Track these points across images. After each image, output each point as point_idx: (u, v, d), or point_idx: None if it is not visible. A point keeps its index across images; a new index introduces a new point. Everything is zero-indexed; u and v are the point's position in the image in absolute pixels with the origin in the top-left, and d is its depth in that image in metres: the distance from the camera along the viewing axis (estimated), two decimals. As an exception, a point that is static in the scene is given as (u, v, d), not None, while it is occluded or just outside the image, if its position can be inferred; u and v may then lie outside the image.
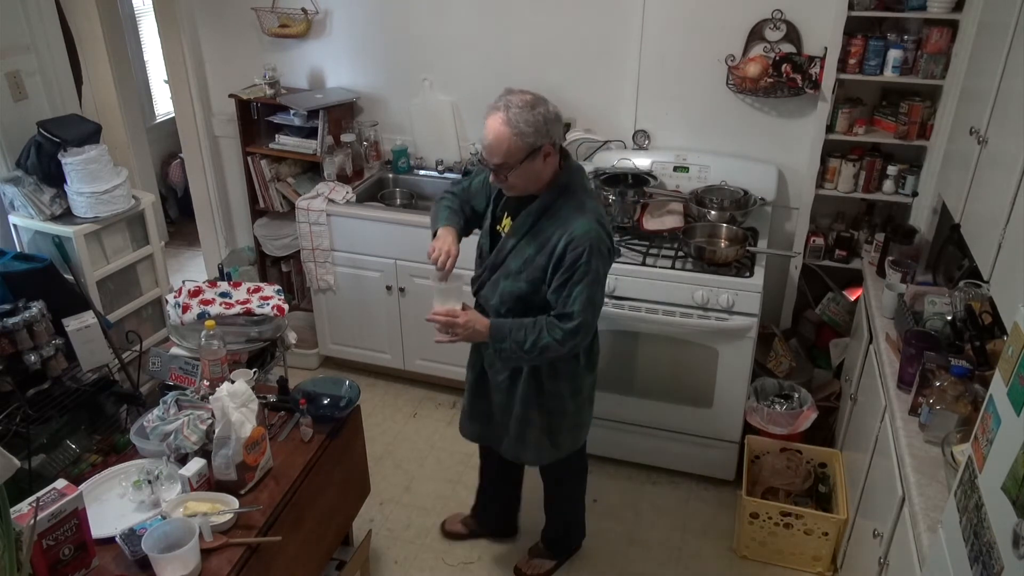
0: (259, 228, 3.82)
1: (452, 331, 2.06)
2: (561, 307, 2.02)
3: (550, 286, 2.02)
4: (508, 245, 2.08)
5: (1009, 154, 1.93)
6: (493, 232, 2.18)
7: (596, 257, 1.97)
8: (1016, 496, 1.19)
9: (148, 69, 5.15)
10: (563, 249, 1.97)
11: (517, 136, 1.89)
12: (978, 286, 2.29)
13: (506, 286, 2.10)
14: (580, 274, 1.97)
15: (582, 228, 1.97)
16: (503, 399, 2.27)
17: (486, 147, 1.94)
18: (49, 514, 1.61)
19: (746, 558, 2.75)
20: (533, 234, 2.04)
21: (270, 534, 1.88)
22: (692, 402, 2.94)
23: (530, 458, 2.37)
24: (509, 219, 2.12)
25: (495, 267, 2.13)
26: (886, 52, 2.82)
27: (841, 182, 3.07)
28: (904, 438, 2.01)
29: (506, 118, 1.89)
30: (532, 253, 2.03)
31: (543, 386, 2.21)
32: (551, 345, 2.03)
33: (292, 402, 2.25)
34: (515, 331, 2.04)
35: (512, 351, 2.06)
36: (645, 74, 3.20)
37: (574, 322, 2.01)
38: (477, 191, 2.27)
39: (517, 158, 1.92)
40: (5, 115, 3.12)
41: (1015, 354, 1.29)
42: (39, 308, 2.49)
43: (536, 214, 2.03)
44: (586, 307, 2.00)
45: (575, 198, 2.03)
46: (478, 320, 2.07)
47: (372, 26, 3.50)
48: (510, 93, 1.94)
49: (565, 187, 2.03)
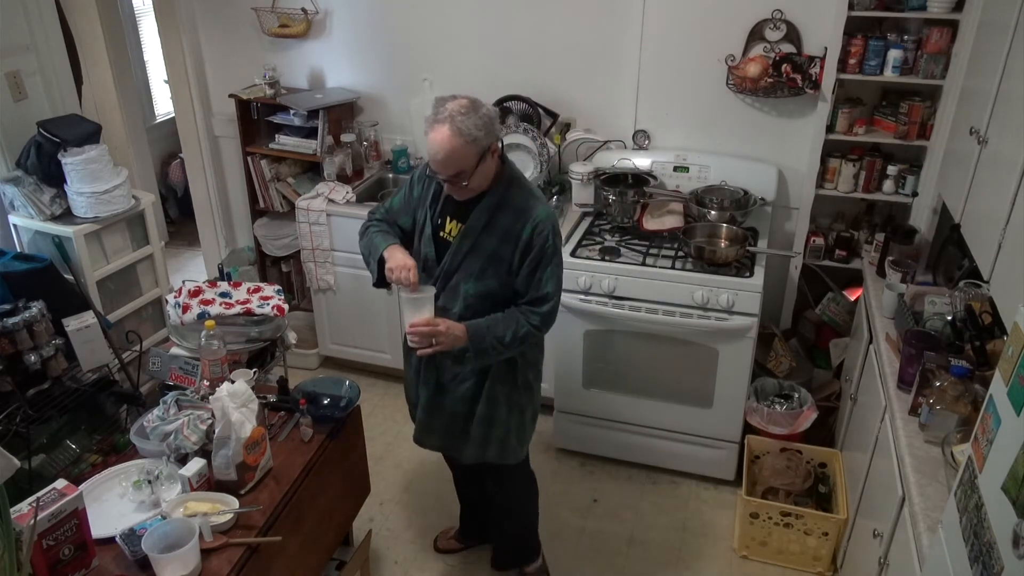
0: (259, 228, 3.82)
1: (435, 340, 2.01)
2: (535, 291, 2.04)
3: (518, 275, 2.04)
4: (465, 246, 2.05)
5: (1009, 154, 1.93)
6: (437, 239, 2.13)
7: (558, 238, 2.05)
8: (1016, 496, 1.19)
9: (148, 69, 5.15)
10: (529, 236, 1.99)
11: (470, 143, 1.87)
12: (978, 286, 2.28)
13: (469, 288, 2.07)
14: (548, 257, 2.02)
15: (543, 213, 2.02)
16: (465, 407, 2.23)
17: (438, 163, 1.90)
18: (49, 514, 1.61)
19: (746, 558, 2.75)
20: (490, 229, 2.03)
21: (270, 534, 1.88)
22: (692, 402, 2.94)
23: (494, 455, 2.28)
24: (455, 222, 2.09)
25: (451, 273, 2.09)
26: (886, 52, 2.83)
27: (841, 182, 3.07)
28: (904, 438, 2.01)
29: (455, 129, 1.86)
30: (494, 247, 2.03)
31: (516, 380, 2.21)
32: (531, 332, 2.06)
33: (292, 402, 2.25)
34: (492, 328, 2.04)
35: (492, 348, 2.05)
36: (645, 74, 3.21)
37: (549, 303, 2.05)
38: (399, 210, 2.24)
39: (472, 164, 1.91)
40: (5, 115, 3.12)
41: (1015, 354, 1.29)
42: (39, 308, 2.49)
43: (492, 209, 2.02)
44: (557, 286, 2.07)
45: (523, 186, 2.06)
46: (455, 326, 2.03)
47: (372, 26, 3.50)
48: (445, 101, 1.90)
49: (512, 178, 2.05)
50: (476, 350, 2.05)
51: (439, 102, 1.91)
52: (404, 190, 2.23)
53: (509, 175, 2.05)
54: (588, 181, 3.18)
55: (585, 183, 3.18)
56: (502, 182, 2.03)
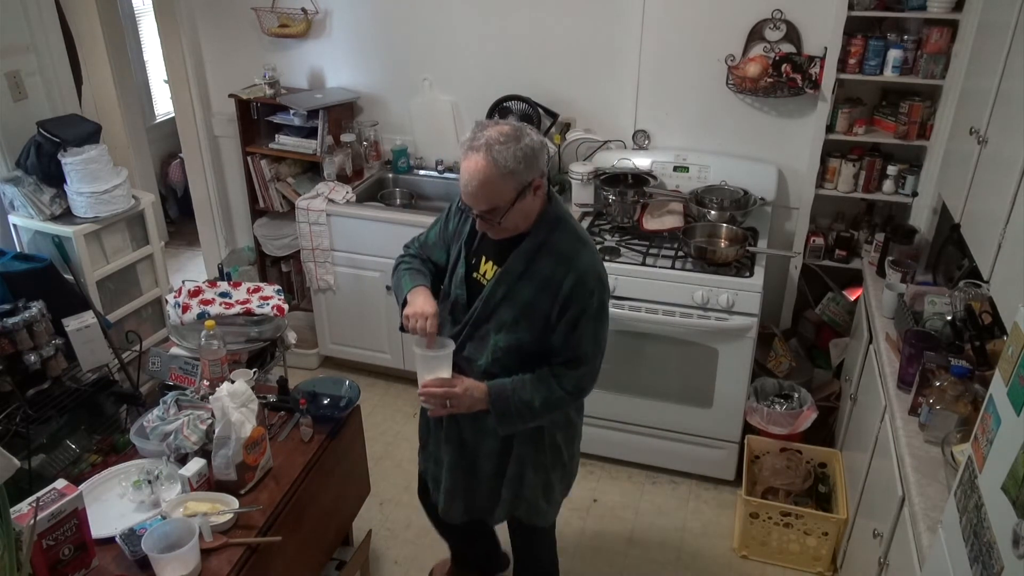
0: (259, 228, 3.82)
1: (450, 402, 1.81)
2: (571, 351, 1.81)
3: (555, 330, 1.80)
4: (499, 293, 1.81)
5: (1009, 154, 1.93)
6: (470, 281, 1.90)
7: (604, 291, 1.82)
8: (1016, 496, 1.19)
9: (148, 69, 5.15)
10: (571, 288, 1.75)
11: (507, 176, 1.64)
12: (978, 286, 2.28)
13: (499, 340, 1.83)
14: (592, 313, 1.79)
15: (588, 261, 1.78)
16: (493, 465, 2.01)
17: (470, 194, 1.68)
18: (49, 514, 1.61)
19: (746, 558, 2.75)
20: (529, 276, 1.79)
21: (270, 534, 1.88)
22: (692, 402, 2.94)
23: (526, 515, 2.10)
24: (490, 264, 1.85)
25: (481, 321, 1.85)
26: (886, 52, 2.82)
27: (841, 182, 3.07)
28: (904, 438, 2.01)
29: (490, 159, 1.63)
30: (531, 297, 1.79)
31: (542, 441, 1.98)
32: (563, 399, 1.84)
33: (292, 402, 2.25)
34: (519, 391, 1.81)
35: (518, 413, 1.82)
36: (645, 74, 3.21)
37: (585, 366, 1.83)
38: (435, 244, 2.01)
39: (508, 200, 1.67)
40: (5, 115, 3.12)
41: (1015, 354, 1.29)
42: (39, 308, 2.49)
43: (531, 253, 1.78)
44: (597, 348, 1.84)
45: (568, 228, 1.82)
46: (474, 386, 1.82)
47: (372, 26, 3.50)
48: (484, 127, 1.68)
49: (557, 219, 1.80)
50: (499, 415, 1.83)
51: (478, 127, 1.70)
52: (440, 222, 2.00)
53: (555, 216, 1.80)
54: (588, 181, 3.18)
55: (585, 183, 3.18)
56: (545, 223, 1.78)
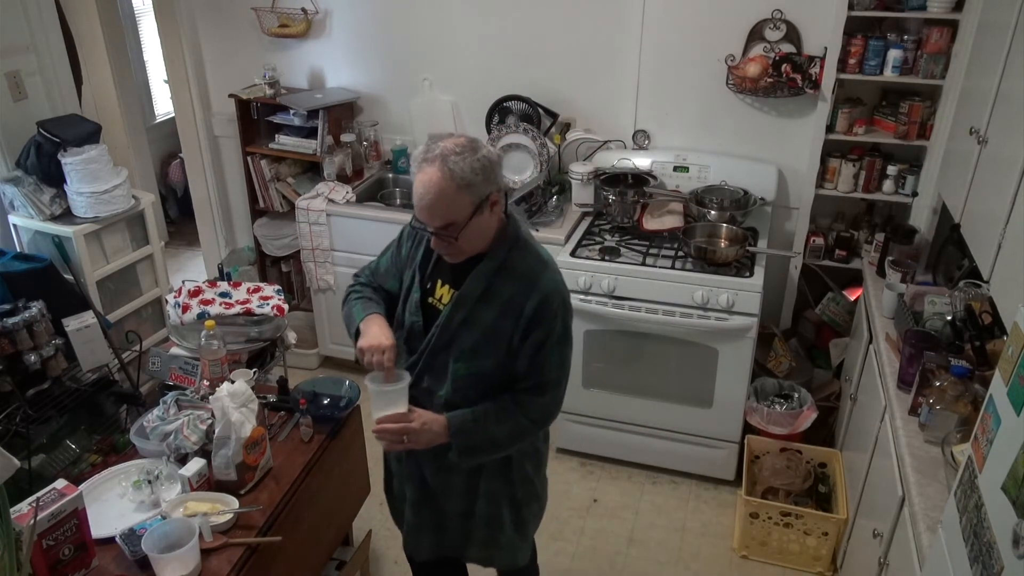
0: (259, 228, 3.82)
1: (407, 438, 1.69)
2: (535, 377, 1.72)
3: (518, 356, 1.70)
4: (457, 318, 1.70)
5: (1009, 154, 1.93)
6: (425, 306, 1.78)
7: (568, 314, 1.74)
8: (1016, 496, 1.19)
9: (148, 69, 5.16)
10: (534, 310, 1.66)
11: (464, 189, 1.55)
12: (978, 286, 2.28)
13: (459, 369, 1.72)
14: (555, 336, 1.70)
15: (551, 283, 1.70)
16: (461, 503, 1.89)
17: (424, 208, 1.58)
18: (49, 514, 1.61)
19: (746, 558, 2.75)
20: (486, 299, 1.69)
21: (270, 534, 1.88)
22: (692, 402, 2.94)
23: (504, 561, 2.01)
24: (446, 287, 1.75)
25: (438, 349, 1.74)
26: (886, 52, 2.83)
27: (841, 182, 3.07)
28: (904, 438, 2.01)
29: (446, 170, 1.54)
30: (491, 321, 1.68)
31: (511, 474, 1.86)
32: (529, 428, 1.75)
33: (292, 402, 2.25)
34: (481, 422, 1.71)
35: (482, 447, 1.73)
36: (645, 74, 3.21)
37: (551, 392, 1.74)
38: (387, 271, 1.89)
39: (465, 215, 1.58)
40: (5, 115, 3.12)
41: (1015, 354, 1.29)
42: (39, 308, 2.49)
43: (490, 274, 1.68)
44: (562, 373, 1.75)
45: (529, 248, 1.73)
46: (434, 420, 1.70)
47: (372, 26, 3.50)
48: (438, 139, 1.60)
49: (516, 238, 1.71)
50: (461, 449, 1.72)
51: (431, 140, 1.62)
52: (391, 248, 1.89)
53: (514, 235, 1.71)
54: (588, 181, 3.18)
55: (585, 183, 3.18)
56: (504, 243, 1.69)
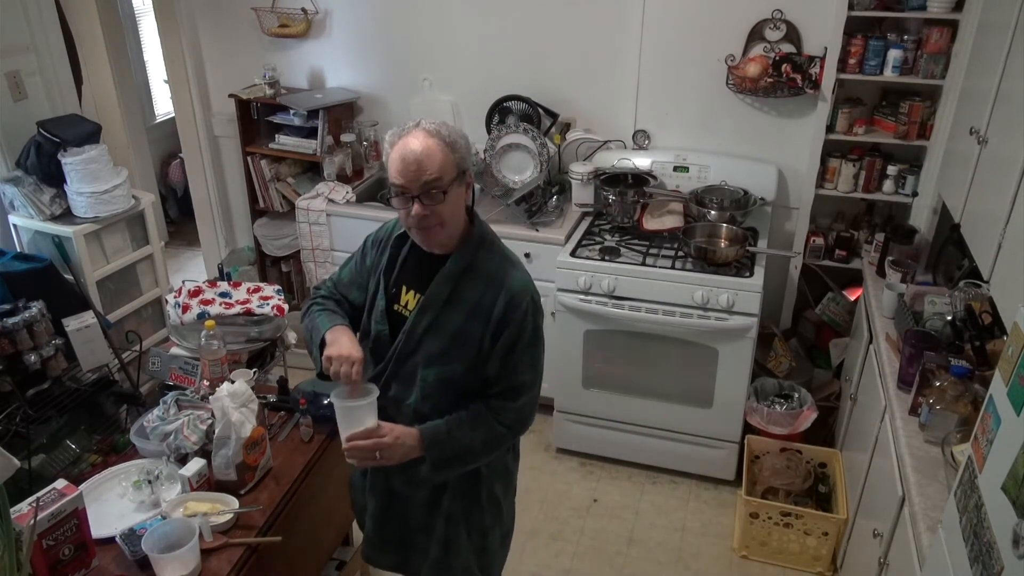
0: (259, 228, 3.82)
1: (381, 454, 1.62)
2: (508, 380, 1.66)
3: (489, 358, 1.65)
4: (423, 322, 1.65)
5: (1009, 154, 1.93)
6: (391, 314, 1.74)
7: (538, 313, 1.68)
8: (1016, 496, 1.19)
9: (148, 69, 5.16)
10: (503, 310, 1.61)
11: (449, 148, 1.55)
12: (978, 286, 2.29)
13: (428, 375, 1.67)
14: (527, 337, 1.65)
15: (519, 283, 1.65)
16: (423, 518, 1.82)
17: (413, 162, 1.53)
18: (49, 514, 1.61)
19: (746, 558, 2.75)
20: (453, 302, 1.64)
21: (270, 534, 1.88)
22: (692, 402, 2.94)
23: None
24: (412, 292, 1.70)
25: (405, 355, 1.68)
26: (886, 52, 2.83)
27: (841, 182, 3.07)
28: (904, 438, 2.01)
29: (432, 130, 1.55)
30: (459, 324, 1.64)
31: (479, 495, 1.79)
32: (504, 435, 1.68)
33: (292, 402, 2.25)
34: (455, 432, 1.64)
35: (457, 458, 1.66)
36: (645, 74, 3.21)
37: (524, 396, 1.68)
38: (350, 282, 1.84)
39: (450, 175, 1.56)
40: (5, 115, 3.12)
41: (1015, 354, 1.29)
42: (39, 308, 2.49)
43: (455, 276, 1.64)
44: (535, 375, 1.69)
45: (495, 249, 1.69)
46: (405, 433, 1.63)
47: (372, 26, 3.50)
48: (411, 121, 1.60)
49: (482, 239, 1.67)
50: (435, 462, 1.66)
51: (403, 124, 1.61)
52: (355, 259, 1.85)
53: (479, 235, 1.67)
54: (588, 181, 3.18)
55: (585, 183, 3.18)
56: (469, 244, 1.65)
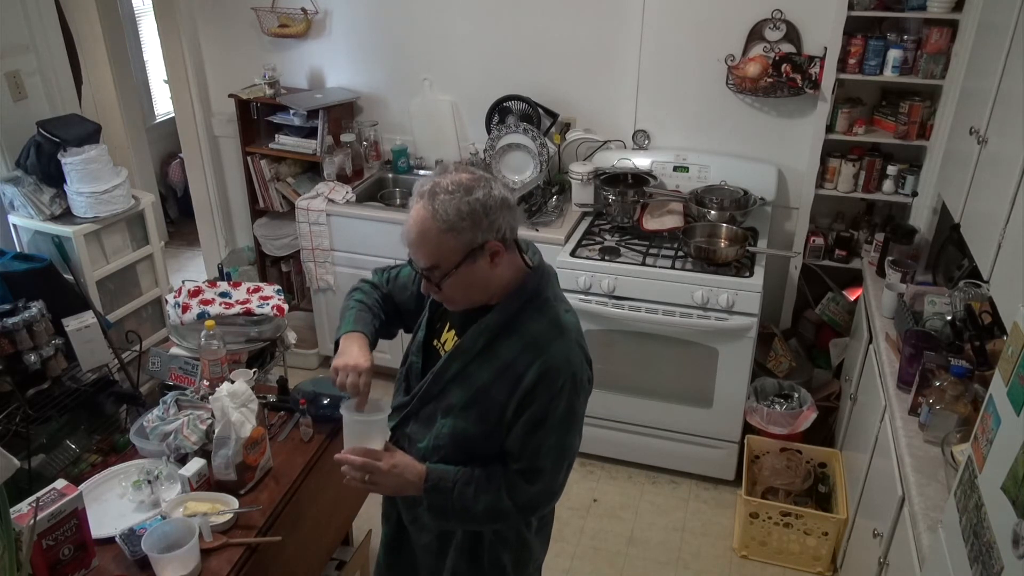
0: (259, 228, 3.82)
1: (371, 478, 1.49)
2: (528, 460, 1.49)
3: (510, 429, 1.48)
4: (451, 370, 1.52)
5: (1009, 154, 1.93)
6: (428, 347, 1.63)
7: (577, 395, 1.48)
8: (1016, 496, 1.19)
9: (148, 69, 5.16)
10: (534, 381, 1.43)
11: (448, 233, 1.36)
12: (978, 286, 2.29)
13: (445, 425, 1.53)
14: (557, 418, 1.45)
15: (561, 354, 1.45)
16: (431, 561, 1.70)
17: (409, 245, 1.42)
18: (49, 514, 1.61)
19: (746, 558, 2.75)
20: (486, 357, 1.48)
21: (270, 534, 1.88)
22: (692, 402, 2.94)
23: None
24: (452, 333, 1.57)
25: (428, 398, 1.56)
26: (886, 52, 2.83)
27: (841, 182, 3.07)
28: (904, 438, 2.01)
29: (431, 209, 1.36)
30: (486, 382, 1.48)
31: (481, 556, 1.65)
32: (509, 512, 1.51)
33: (292, 402, 2.25)
34: (461, 486, 1.49)
35: (454, 511, 1.51)
36: (645, 74, 3.21)
37: (541, 483, 1.51)
38: (404, 286, 1.73)
39: (452, 261, 1.39)
40: (5, 115, 3.12)
41: (1015, 354, 1.29)
42: (39, 308, 2.49)
43: (492, 331, 1.48)
44: (558, 464, 1.51)
45: (547, 309, 1.49)
46: (408, 466, 1.50)
47: (372, 26, 3.50)
48: (444, 173, 1.43)
49: (533, 294, 1.49)
50: (432, 507, 1.52)
51: (440, 170, 1.47)
52: None
53: (533, 290, 1.49)
54: (588, 181, 3.18)
55: (585, 183, 3.18)
56: (518, 297, 1.48)
